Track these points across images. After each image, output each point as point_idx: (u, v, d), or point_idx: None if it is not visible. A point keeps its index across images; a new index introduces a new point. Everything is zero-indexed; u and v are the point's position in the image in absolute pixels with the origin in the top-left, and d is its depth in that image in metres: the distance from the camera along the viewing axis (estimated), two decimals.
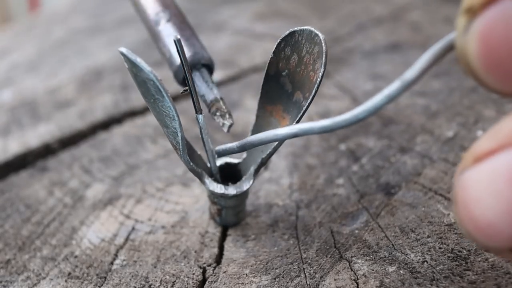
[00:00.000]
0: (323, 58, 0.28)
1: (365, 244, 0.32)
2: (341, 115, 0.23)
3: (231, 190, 0.32)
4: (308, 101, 0.29)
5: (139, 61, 0.26)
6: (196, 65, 0.34)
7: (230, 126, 0.33)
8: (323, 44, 0.28)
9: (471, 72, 0.20)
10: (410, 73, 0.21)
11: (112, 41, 0.66)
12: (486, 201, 0.18)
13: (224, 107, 0.33)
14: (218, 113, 0.33)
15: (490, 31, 0.18)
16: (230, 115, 0.33)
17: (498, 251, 0.19)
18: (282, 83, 0.31)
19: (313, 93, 0.29)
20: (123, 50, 0.26)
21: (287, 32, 0.30)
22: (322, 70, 0.28)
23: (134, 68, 0.26)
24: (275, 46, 0.30)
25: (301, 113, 0.29)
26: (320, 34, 0.28)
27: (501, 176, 0.18)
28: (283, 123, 0.31)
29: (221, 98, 0.33)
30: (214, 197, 0.33)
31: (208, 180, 0.32)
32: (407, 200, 0.35)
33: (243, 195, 0.33)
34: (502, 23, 0.18)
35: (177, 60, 0.33)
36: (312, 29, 0.29)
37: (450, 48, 0.22)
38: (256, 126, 0.33)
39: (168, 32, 0.35)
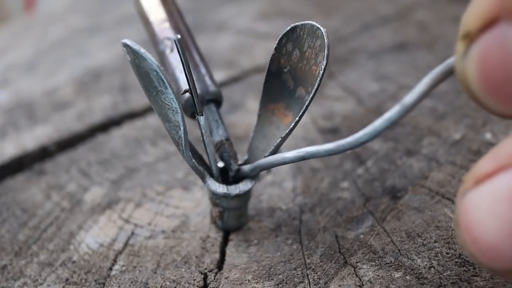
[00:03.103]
0: (325, 51, 0.28)
1: (370, 249, 0.32)
2: (344, 139, 0.25)
3: (233, 189, 0.32)
4: (311, 95, 0.29)
5: (143, 51, 0.26)
6: (202, 101, 0.35)
7: (236, 171, 0.33)
8: (325, 37, 0.28)
9: (471, 95, 0.20)
10: (410, 97, 0.23)
11: (112, 41, 0.66)
12: (487, 223, 0.19)
13: (230, 149, 0.33)
14: (224, 154, 0.33)
15: (488, 56, 0.19)
16: (235, 158, 0.33)
17: (502, 273, 0.19)
18: (284, 80, 0.31)
19: (315, 87, 0.29)
20: (127, 41, 0.26)
21: (288, 28, 0.30)
22: (324, 63, 0.28)
23: (137, 59, 0.26)
24: (277, 42, 0.31)
25: (304, 108, 0.30)
26: (321, 28, 0.29)
27: (502, 197, 0.18)
28: (285, 120, 0.31)
29: (228, 139, 0.34)
30: (215, 198, 0.33)
31: (210, 180, 0.32)
32: (413, 204, 0.35)
33: (246, 195, 0.33)
34: (498, 48, 0.19)
35: (185, 94, 0.34)
36: (314, 23, 0.29)
37: (450, 72, 0.23)
38: (258, 126, 0.33)
39: (174, 63, 0.35)
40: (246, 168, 0.33)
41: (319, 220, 0.35)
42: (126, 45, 0.26)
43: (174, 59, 0.35)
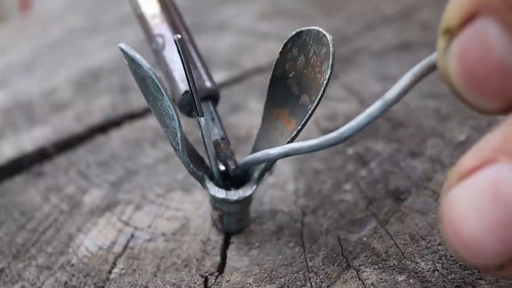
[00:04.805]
0: (330, 60, 0.28)
1: (373, 252, 0.32)
2: (327, 135, 0.26)
3: (233, 195, 0.32)
4: (314, 104, 0.29)
5: (138, 57, 0.26)
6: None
7: (234, 170, 0.33)
8: (330, 46, 0.28)
9: (453, 91, 0.21)
10: (392, 93, 0.23)
11: (111, 41, 0.66)
12: (471, 219, 0.19)
13: (226, 148, 0.33)
14: (220, 154, 0.33)
15: (467, 51, 0.19)
16: (232, 158, 0.33)
17: (485, 269, 0.20)
18: (289, 86, 0.31)
19: (319, 96, 0.29)
20: (122, 46, 0.26)
21: (294, 32, 0.30)
22: (329, 72, 0.28)
23: (133, 64, 0.27)
24: (282, 46, 0.31)
25: (307, 117, 0.30)
26: (327, 35, 0.29)
27: (485, 193, 0.19)
28: (289, 127, 0.31)
29: (223, 138, 0.34)
30: (215, 202, 0.33)
31: (209, 184, 0.32)
32: (417, 206, 0.35)
33: (246, 200, 0.33)
34: (477, 43, 0.19)
35: (182, 89, 0.34)
36: (320, 29, 0.29)
37: (432, 68, 0.23)
38: (261, 130, 0.33)
39: (168, 61, 0.35)
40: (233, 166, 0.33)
41: (322, 223, 0.35)
42: (122, 50, 0.26)
43: (168, 56, 0.35)
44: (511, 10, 0.18)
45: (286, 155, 0.29)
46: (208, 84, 0.34)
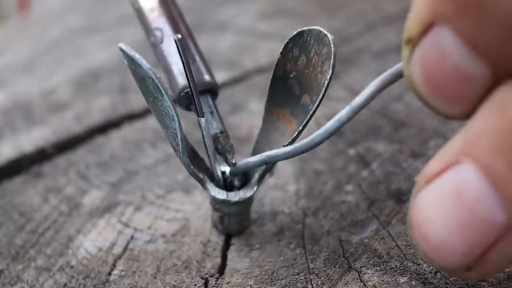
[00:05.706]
0: (332, 60, 0.28)
1: (375, 254, 0.32)
2: (300, 141, 0.27)
3: (234, 196, 0.32)
4: (316, 104, 0.29)
5: (138, 57, 0.26)
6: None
7: (233, 165, 0.33)
8: (331, 45, 0.28)
9: (420, 98, 0.22)
10: (359, 99, 0.24)
11: (110, 41, 0.66)
12: (437, 221, 0.20)
13: (225, 142, 0.33)
14: (219, 148, 0.33)
15: (428, 60, 0.20)
16: (232, 151, 0.33)
17: (454, 271, 0.21)
18: (290, 86, 0.31)
19: (320, 97, 0.29)
20: (122, 45, 0.27)
21: (295, 32, 0.30)
22: (330, 72, 0.28)
23: (133, 64, 0.27)
24: (283, 46, 0.31)
25: (308, 117, 0.30)
26: (329, 35, 0.29)
27: (449, 195, 0.19)
28: (290, 127, 0.31)
29: (223, 132, 0.34)
30: (216, 203, 0.33)
31: (210, 185, 0.32)
32: None
33: (247, 202, 0.33)
34: (435, 51, 0.20)
35: (180, 83, 0.34)
36: (321, 29, 0.29)
37: (399, 75, 0.24)
38: (262, 130, 0.33)
39: (166, 54, 0.35)
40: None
41: (323, 224, 0.35)
42: (121, 50, 0.27)
43: (166, 49, 0.35)
44: (462, 17, 0.19)
45: (264, 162, 0.30)
46: (207, 77, 0.34)
